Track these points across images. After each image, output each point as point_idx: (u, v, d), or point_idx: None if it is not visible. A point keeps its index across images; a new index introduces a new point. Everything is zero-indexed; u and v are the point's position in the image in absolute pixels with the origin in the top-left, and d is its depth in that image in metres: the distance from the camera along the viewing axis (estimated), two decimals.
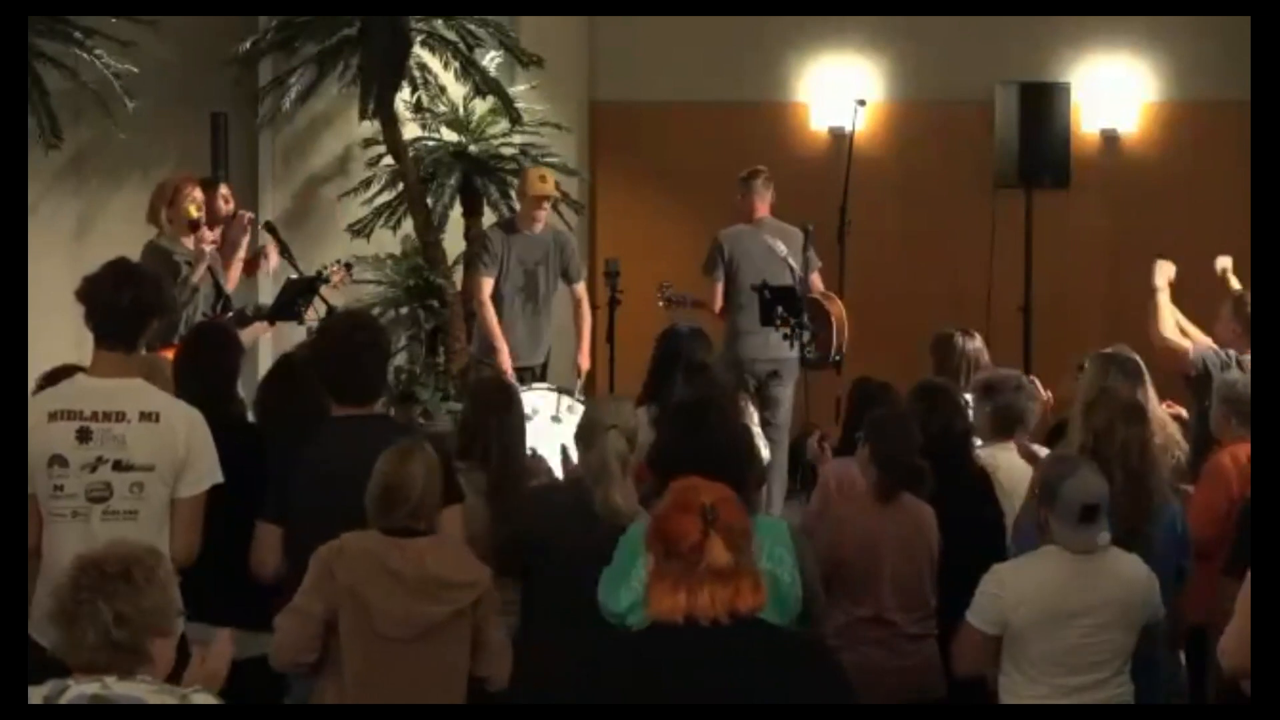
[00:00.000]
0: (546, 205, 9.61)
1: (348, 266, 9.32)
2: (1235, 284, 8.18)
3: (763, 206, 9.92)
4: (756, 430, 7.15)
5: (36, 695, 3.57)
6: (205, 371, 5.90)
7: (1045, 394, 7.44)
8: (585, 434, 5.52)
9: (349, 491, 5.02)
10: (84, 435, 4.86)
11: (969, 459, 6.38)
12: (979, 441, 6.69)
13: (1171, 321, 7.79)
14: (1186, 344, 7.64)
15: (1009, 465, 6.48)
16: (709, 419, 5.08)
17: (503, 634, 5.04)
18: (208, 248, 8.62)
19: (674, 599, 3.46)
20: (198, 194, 8.77)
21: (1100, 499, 5.14)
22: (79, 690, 3.53)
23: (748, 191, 9.92)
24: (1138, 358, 6.90)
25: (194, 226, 8.65)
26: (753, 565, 3.56)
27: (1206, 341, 7.69)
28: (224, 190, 9.36)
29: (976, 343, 7.78)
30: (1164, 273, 7.91)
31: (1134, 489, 5.64)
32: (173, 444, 4.92)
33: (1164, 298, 7.85)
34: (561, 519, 5.43)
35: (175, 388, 5.50)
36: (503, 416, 5.80)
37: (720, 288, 9.79)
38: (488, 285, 9.53)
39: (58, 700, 3.52)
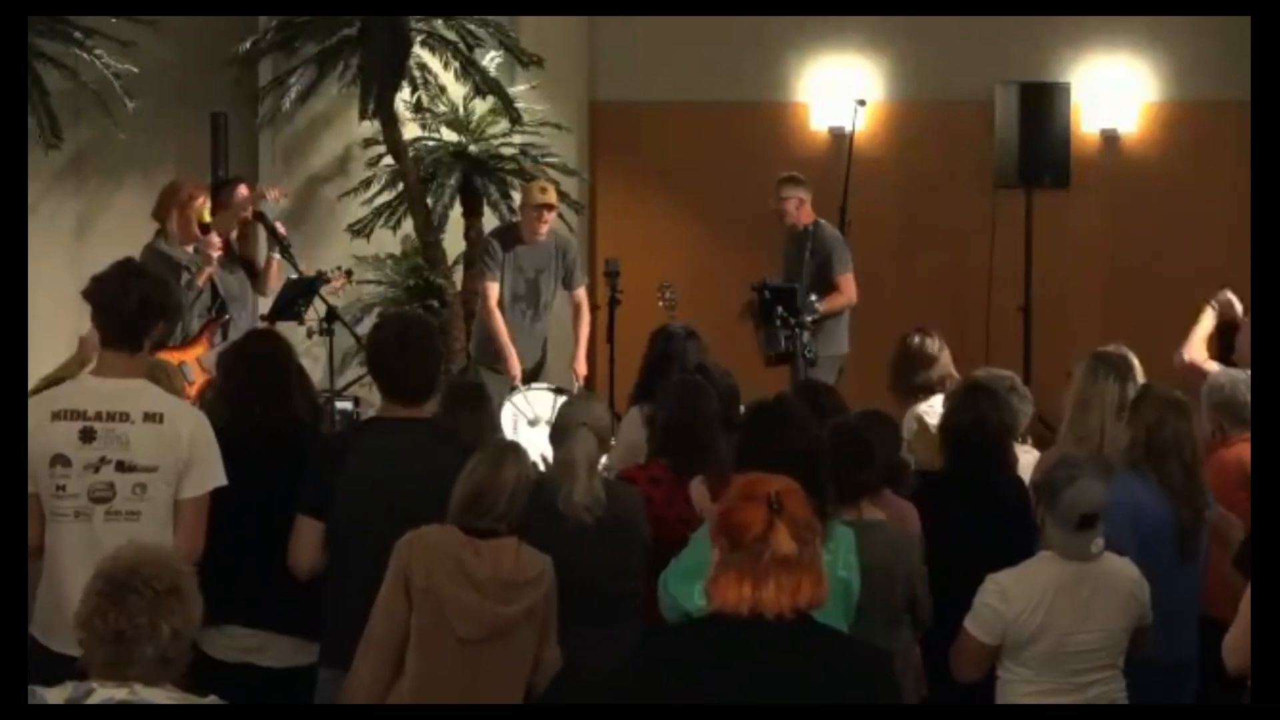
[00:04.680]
0: (549, 216, 9.57)
1: (348, 273, 9.31)
2: (1238, 307, 7.67)
3: None
4: None
5: (58, 696, 3.49)
6: (261, 372, 5.89)
7: None
8: (558, 432, 5.51)
9: (395, 498, 5.06)
10: (87, 435, 4.84)
11: (1009, 458, 6.27)
12: None
13: (1203, 344, 7.47)
14: (1214, 367, 7.24)
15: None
16: (791, 419, 5.01)
17: (555, 649, 4.93)
18: (215, 253, 8.64)
19: (739, 590, 3.41)
20: (206, 202, 8.83)
21: (1099, 508, 5.15)
22: (107, 694, 3.46)
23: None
24: (1130, 355, 6.86)
25: (205, 230, 8.70)
26: (817, 559, 3.49)
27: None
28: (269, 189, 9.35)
29: (935, 341, 7.76)
30: (1222, 302, 7.61)
31: (1190, 486, 5.69)
32: (176, 445, 4.91)
33: (1208, 319, 7.55)
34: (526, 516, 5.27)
35: (226, 391, 5.53)
36: (471, 413, 5.77)
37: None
38: (494, 290, 9.49)
39: (84, 702, 3.45)
